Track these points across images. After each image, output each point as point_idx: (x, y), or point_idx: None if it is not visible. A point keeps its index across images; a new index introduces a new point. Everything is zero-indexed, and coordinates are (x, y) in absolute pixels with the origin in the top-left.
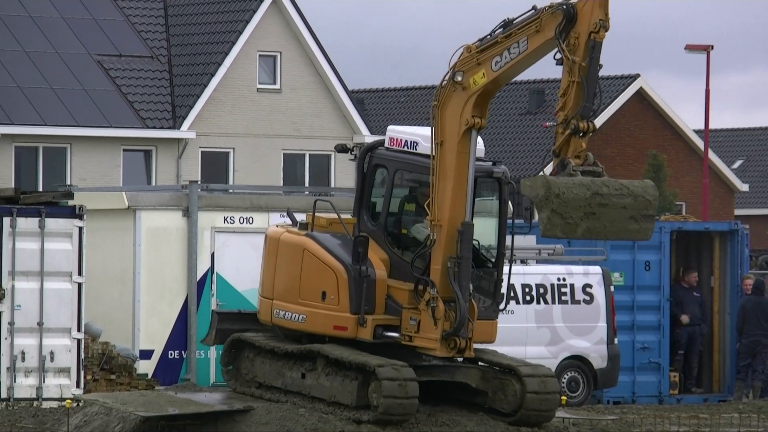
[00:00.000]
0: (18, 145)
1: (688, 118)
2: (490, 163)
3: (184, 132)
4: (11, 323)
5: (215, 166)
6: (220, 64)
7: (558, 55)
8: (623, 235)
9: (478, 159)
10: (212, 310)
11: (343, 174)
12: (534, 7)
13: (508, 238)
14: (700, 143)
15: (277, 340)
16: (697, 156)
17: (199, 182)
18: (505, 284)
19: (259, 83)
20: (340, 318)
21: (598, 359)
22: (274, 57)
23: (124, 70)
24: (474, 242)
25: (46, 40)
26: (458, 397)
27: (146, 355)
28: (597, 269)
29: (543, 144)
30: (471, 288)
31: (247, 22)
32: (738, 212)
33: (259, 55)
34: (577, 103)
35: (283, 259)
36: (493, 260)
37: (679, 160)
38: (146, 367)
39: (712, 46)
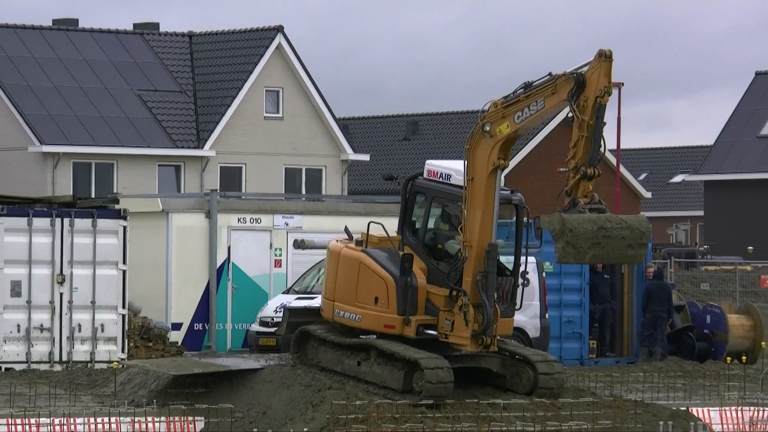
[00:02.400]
0: (75, 161)
1: None
2: (509, 191)
3: (206, 151)
4: (70, 302)
5: (231, 178)
6: (234, 97)
7: (570, 114)
8: (622, 259)
9: (500, 188)
10: (284, 307)
11: (332, 184)
12: (550, 73)
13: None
14: (613, 160)
15: (337, 333)
16: (610, 170)
17: (218, 191)
18: (519, 289)
19: (266, 113)
20: (389, 318)
21: (533, 330)
22: (277, 92)
23: (159, 102)
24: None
25: (97, 78)
26: (482, 380)
27: (176, 327)
28: (532, 259)
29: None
30: (495, 296)
31: (256, 64)
32: (645, 213)
33: (266, 90)
34: (585, 153)
35: (342, 269)
36: (511, 269)
37: None
38: (176, 336)
39: (623, 83)
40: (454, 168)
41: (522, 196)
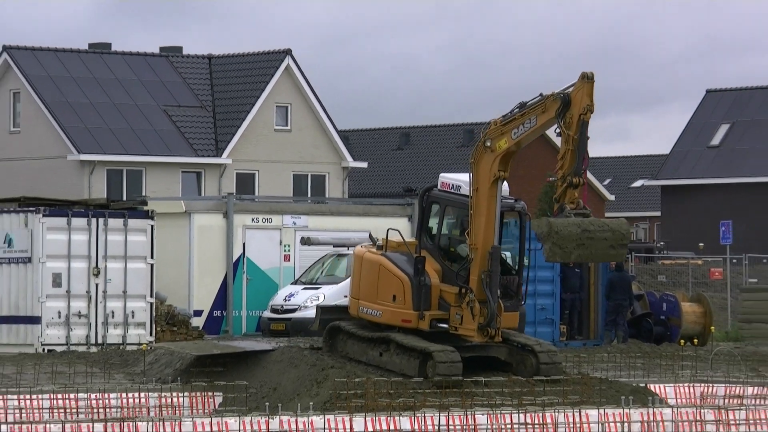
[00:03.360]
0: (108, 168)
1: None
2: (513, 200)
3: (224, 159)
4: (105, 291)
5: (245, 182)
6: (248, 112)
7: (557, 130)
8: (605, 258)
9: (505, 197)
10: (317, 306)
11: (334, 189)
12: (541, 94)
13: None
14: None
15: (362, 328)
16: None
17: (234, 194)
18: (524, 286)
19: (276, 125)
20: (405, 314)
21: None
22: (286, 107)
23: (182, 116)
24: (505, 256)
25: (128, 95)
26: (492, 367)
27: (198, 313)
28: (508, 253)
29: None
30: (499, 292)
31: (267, 83)
32: (607, 215)
33: (276, 106)
34: (571, 164)
35: (365, 271)
36: (516, 268)
37: None
38: (198, 322)
39: None
40: (463, 180)
41: (524, 203)
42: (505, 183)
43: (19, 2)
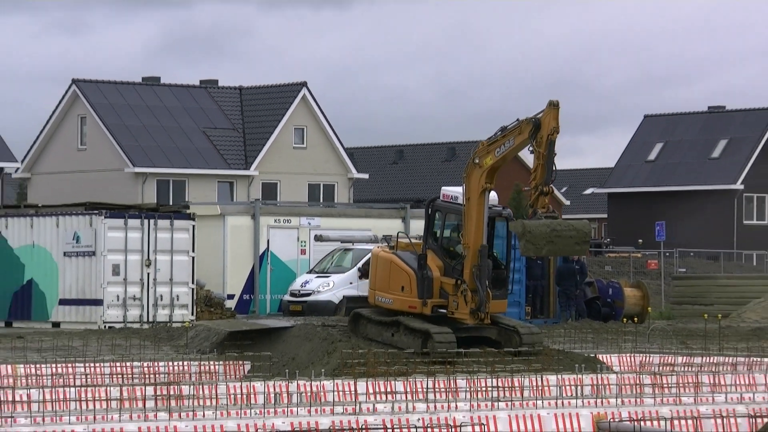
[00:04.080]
0: (158, 179)
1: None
2: (501, 208)
3: (252, 171)
4: (155, 279)
5: (269, 190)
6: (271, 133)
7: (531, 148)
8: (571, 252)
9: (494, 205)
10: (343, 295)
11: (341, 195)
12: (518, 119)
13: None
14: None
15: (378, 313)
16: None
17: (260, 200)
18: (510, 278)
19: (294, 144)
20: (412, 301)
21: None
22: (303, 129)
23: (218, 136)
24: (496, 253)
25: (174, 119)
26: (486, 344)
27: (230, 297)
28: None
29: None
30: (488, 283)
31: (287, 109)
32: (564, 216)
33: (294, 128)
34: (542, 176)
35: (380, 267)
36: (504, 264)
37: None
38: (230, 304)
39: None
40: (459, 192)
41: (510, 210)
42: (495, 193)
43: (85, 44)
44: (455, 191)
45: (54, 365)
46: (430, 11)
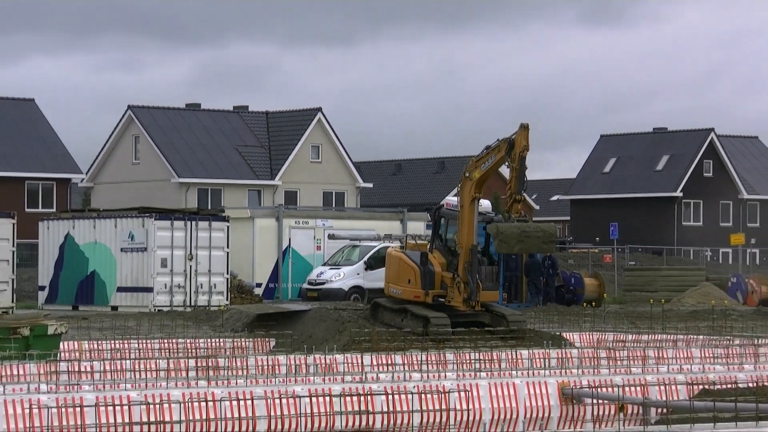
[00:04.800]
0: (198, 188)
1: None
2: (493, 214)
3: (276, 181)
4: (196, 270)
5: (290, 197)
6: (292, 150)
7: (507, 163)
8: (539, 250)
9: (488, 212)
10: (365, 288)
11: (350, 201)
12: (498, 139)
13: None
14: None
15: (391, 302)
16: None
17: (283, 205)
18: (501, 273)
19: (311, 159)
20: (416, 292)
21: None
22: (318, 146)
23: (248, 153)
24: (492, 253)
25: (212, 138)
26: (481, 327)
27: (258, 285)
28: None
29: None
30: (478, 277)
31: (305, 129)
32: (535, 219)
33: (311, 145)
34: (515, 186)
35: (392, 263)
36: (496, 260)
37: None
38: (258, 291)
39: None
40: (458, 201)
41: (501, 217)
42: (488, 202)
43: (138, 77)
44: (454, 201)
45: (112, 342)
46: (423, 49)
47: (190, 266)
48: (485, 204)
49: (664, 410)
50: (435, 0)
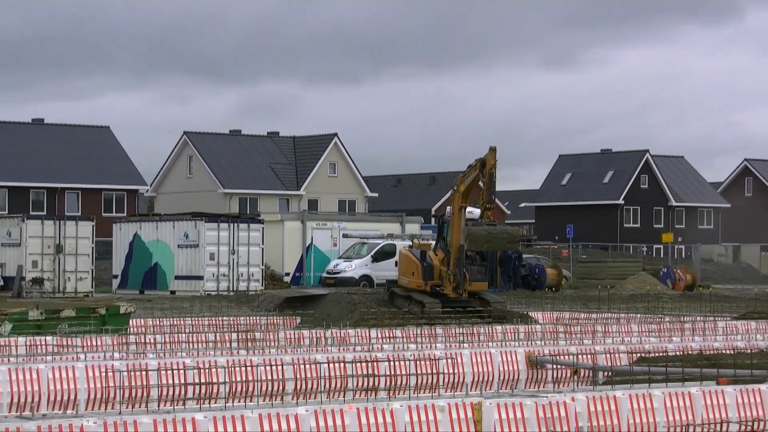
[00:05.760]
0: (239, 197)
1: None
2: (480, 220)
3: (301, 192)
4: (237, 262)
5: (313, 204)
6: (314, 166)
7: (480, 178)
8: (504, 248)
9: (476, 218)
10: (386, 279)
11: (360, 207)
12: (475, 159)
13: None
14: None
15: (402, 291)
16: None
17: (307, 211)
18: (490, 268)
19: (329, 174)
20: (418, 282)
21: None
22: (335, 163)
23: (279, 169)
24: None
25: (250, 158)
26: (472, 311)
27: (287, 274)
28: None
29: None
30: (466, 270)
31: (324, 150)
32: (507, 221)
33: (329, 163)
34: (486, 197)
35: (402, 259)
36: (486, 258)
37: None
38: (287, 279)
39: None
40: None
41: (484, 224)
42: (478, 210)
43: (191, 108)
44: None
45: (171, 319)
46: (416, 86)
47: (233, 259)
48: (476, 212)
49: (609, 374)
50: (425, 47)
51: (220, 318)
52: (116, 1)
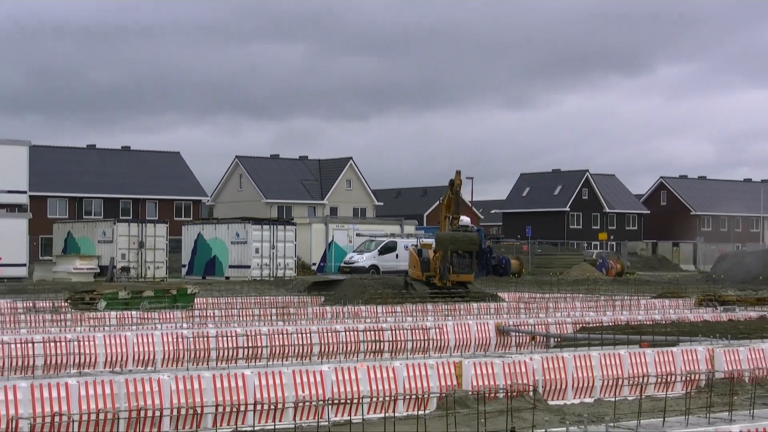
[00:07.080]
0: (277, 205)
1: (467, 197)
2: (472, 227)
3: (325, 201)
4: (276, 255)
5: (334, 211)
6: (334, 183)
7: (450, 194)
8: (466, 248)
9: (469, 225)
10: (405, 271)
11: (369, 214)
12: (450, 180)
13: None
14: (473, 206)
15: (411, 280)
16: (471, 210)
17: (329, 216)
18: (474, 263)
19: (346, 188)
20: (418, 274)
21: None
22: (350, 180)
23: (308, 184)
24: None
25: (285, 175)
26: (460, 297)
27: (314, 264)
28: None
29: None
30: (450, 264)
31: (342, 170)
32: (482, 224)
33: (346, 180)
34: (453, 209)
35: (410, 256)
36: (471, 255)
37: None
38: (313, 268)
39: (473, 177)
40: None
41: (483, 229)
42: (468, 218)
43: (240, 138)
44: (464, 219)
45: (226, 298)
46: (410, 122)
47: (273, 252)
48: (466, 220)
49: (559, 339)
50: (416, 93)
51: (263, 297)
52: (186, 55)
